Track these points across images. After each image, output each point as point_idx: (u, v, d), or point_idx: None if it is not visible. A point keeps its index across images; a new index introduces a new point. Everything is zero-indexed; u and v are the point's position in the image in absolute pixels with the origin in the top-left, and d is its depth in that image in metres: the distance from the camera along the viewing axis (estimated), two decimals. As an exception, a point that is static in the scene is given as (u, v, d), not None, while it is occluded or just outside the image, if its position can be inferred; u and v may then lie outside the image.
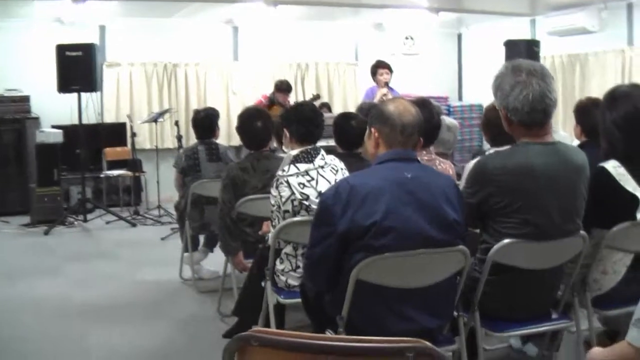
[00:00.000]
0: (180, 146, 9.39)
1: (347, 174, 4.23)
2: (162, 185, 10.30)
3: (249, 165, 5.21)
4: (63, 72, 9.53)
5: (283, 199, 4.06)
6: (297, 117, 4.37)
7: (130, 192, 10.91)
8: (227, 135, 11.91)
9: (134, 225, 9.77)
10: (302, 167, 4.10)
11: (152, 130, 11.39)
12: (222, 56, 12.06)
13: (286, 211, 4.07)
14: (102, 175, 10.72)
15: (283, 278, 4.19)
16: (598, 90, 10.26)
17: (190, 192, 6.38)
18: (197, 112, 6.93)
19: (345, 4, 10.59)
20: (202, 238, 6.94)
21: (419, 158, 4.24)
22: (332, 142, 5.19)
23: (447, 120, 6.18)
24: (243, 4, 10.21)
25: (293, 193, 4.03)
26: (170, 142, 11.56)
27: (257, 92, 11.83)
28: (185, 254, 6.77)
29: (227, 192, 5.12)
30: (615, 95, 3.70)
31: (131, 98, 11.52)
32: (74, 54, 9.52)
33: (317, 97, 10.96)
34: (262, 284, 4.33)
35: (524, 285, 3.40)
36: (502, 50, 11.99)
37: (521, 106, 3.19)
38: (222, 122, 11.50)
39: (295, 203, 4.04)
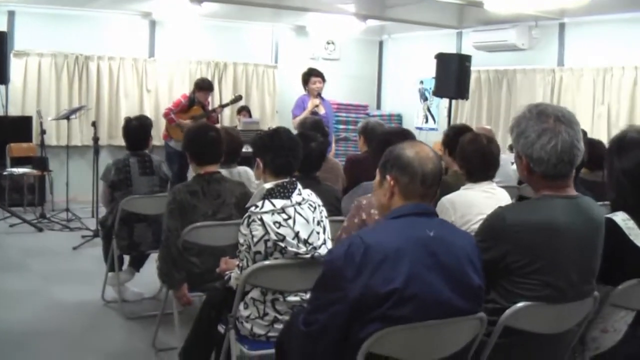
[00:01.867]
0: (96, 149, 8.79)
1: (324, 211, 3.90)
2: (70, 186, 9.70)
3: (198, 188, 4.75)
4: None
5: (255, 239, 3.61)
6: (274, 145, 3.86)
7: (35, 191, 10.20)
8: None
9: (40, 230, 9.11)
10: (278, 203, 3.66)
11: (59, 126, 10.75)
12: (137, 51, 11.46)
13: (257, 252, 3.64)
14: (5, 173, 9.95)
15: (248, 325, 3.77)
16: (524, 109, 10.23)
17: (119, 208, 5.91)
18: (128, 121, 6.37)
19: (271, 5, 10.17)
20: (126, 256, 6.44)
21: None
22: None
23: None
24: (166, -2, 9.66)
25: (267, 232, 3.59)
26: (79, 140, 10.96)
27: (173, 90, 11.46)
28: (110, 274, 6.29)
29: (173, 218, 4.65)
30: (625, 143, 3.45)
31: (39, 91, 10.79)
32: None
33: (238, 98, 10.56)
34: (220, 329, 3.95)
35: (535, 349, 3.10)
36: (425, 60, 11.96)
37: (547, 157, 2.86)
38: None
39: (269, 244, 3.61)
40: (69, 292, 6.54)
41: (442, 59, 9.87)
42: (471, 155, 4.50)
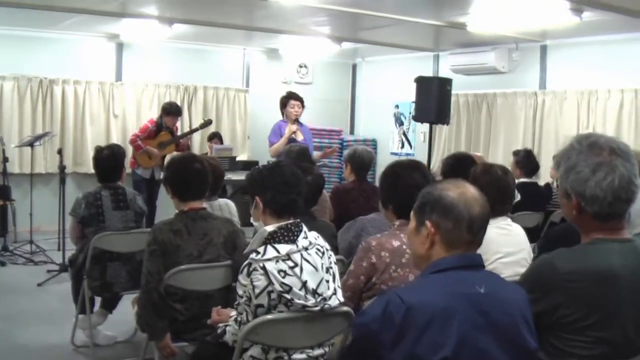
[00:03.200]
0: (63, 178, 8.30)
1: (333, 256, 3.48)
2: (33, 216, 9.21)
3: (182, 227, 4.28)
4: None
5: (257, 290, 3.19)
6: (274, 181, 3.46)
7: (-5, 222, 9.69)
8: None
9: (2, 264, 8.59)
10: (283, 249, 3.24)
11: (22, 153, 10.22)
12: (104, 75, 10.99)
13: (259, 305, 3.21)
14: (-36, 203, 9.40)
15: (245, 387, 3.34)
16: (506, 133, 10.00)
17: (90, 245, 5.45)
18: (99, 150, 5.87)
19: (243, 27, 9.78)
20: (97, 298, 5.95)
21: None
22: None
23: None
24: (134, 19, 9.20)
25: (271, 283, 3.17)
26: (42, 167, 10.42)
27: (141, 115, 11.02)
28: (81, 317, 5.82)
29: (154, 261, 4.17)
30: None
31: (0, 115, 10.28)
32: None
33: (208, 122, 10.17)
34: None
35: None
36: (400, 84, 11.74)
37: (603, 195, 2.49)
38: None
39: (273, 296, 3.18)
40: (33, 335, 6.10)
41: (422, 83, 9.56)
42: (485, 187, 4.11)
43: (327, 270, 3.35)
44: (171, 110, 9.67)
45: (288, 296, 3.18)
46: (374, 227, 4.56)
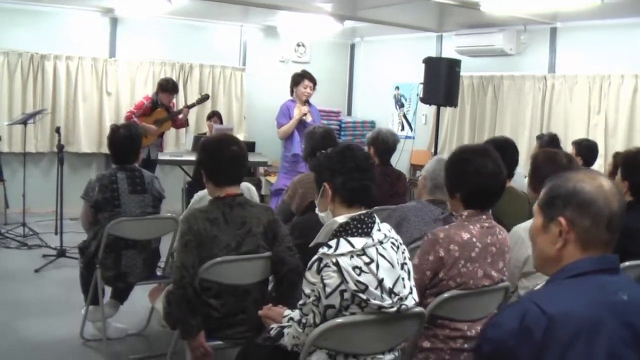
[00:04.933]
0: (61, 158, 7.89)
1: (407, 251, 3.17)
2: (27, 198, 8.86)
3: (219, 215, 3.94)
4: None
5: (328, 289, 2.87)
6: (345, 166, 3.13)
7: (-16, 204, 9.29)
8: (97, 143, 10.49)
9: (-6, 248, 8.18)
10: (358, 242, 2.93)
11: (11, 131, 9.81)
12: (97, 51, 10.54)
13: (330, 306, 2.90)
14: (-48, 184, 8.98)
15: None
16: (513, 117, 9.74)
17: (105, 232, 5.12)
18: (115, 129, 5.45)
19: (242, 2, 9.39)
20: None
21: (477, 225, 3.44)
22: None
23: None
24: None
25: (345, 281, 2.86)
26: (33, 146, 9.99)
27: (135, 93, 10.65)
28: (91, 308, 5.48)
29: (189, 252, 3.83)
30: None
31: (-11, 92, 9.80)
32: None
33: (205, 97, 9.83)
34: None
35: None
36: (401, 65, 11.43)
37: None
38: (93, 127, 10.31)
39: (346, 295, 2.88)
40: (37, 328, 5.74)
41: (431, 64, 9.25)
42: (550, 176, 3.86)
43: (402, 267, 3.06)
44: (167, 87, 9.30)
45: (363, 296, 2.86)
46: (417, 216, 4.34)
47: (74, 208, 8.41)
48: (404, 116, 11.70)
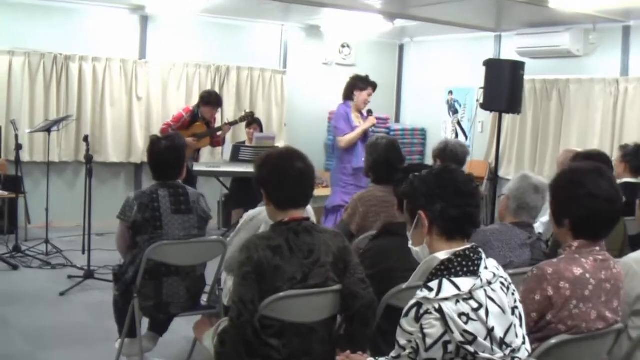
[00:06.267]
0: (90, 170, 7.11)
1: (517, 292, 2.65)
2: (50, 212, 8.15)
3: (283, 242, 3.29)
4: None
5: (429, 340, 2.41)
6: (445, 190, 2.66)
7: (4, 217, 8.50)
8: (126, 152, 9.73)
9: (14, 267, 7.40)
10: (464, 284, 2.46)
11: (32, 139, 9.10)
12: (126, 51, 9.81)
13: None
14: (-32, 196, 8.21)
15: None
16: (581, 124, 8.93)
17: (144, 257, 4.40)
18: (156, 141, 4.76)
19: (287, 0, 8.63)
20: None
21: (590, 258, 3.06)
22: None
23: (533, 178, 4.43)
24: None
25: (449, 331, 2.40)
26: (56, 155, 9.26)
27: (167, 98, 10.01)
28: (127, 341, 4.74)
29: (248, 286, 3.22)
30: None
31: (9, 96, 9.08)
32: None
33: (249, 115, 9.06)
34: None
35: None
36: (454, 68, 10.71)
37: None
38: (122, 135, 9.59)
39: (450, 348, 2.41)
40: (64, 360, 5.04)
41: (492, 66, 8.43)
42: None
43: (513, 311, 2.60)
44: (210, 100, 8.60)
45: (471, 348, 2.41)
46: (500, 241, 4.02)
47: (100, 222, 7.79)
48: (458, 123, 10.86)
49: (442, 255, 2.59)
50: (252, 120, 9.24)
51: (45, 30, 9.26)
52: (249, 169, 8.06)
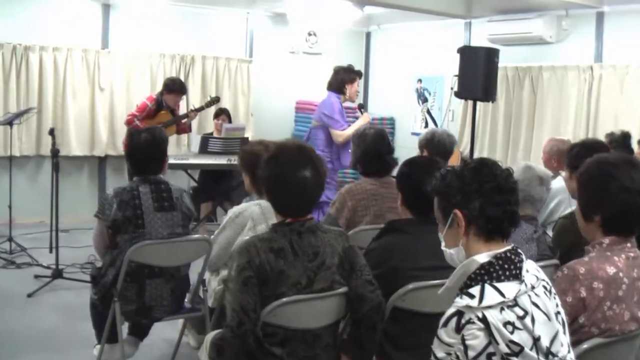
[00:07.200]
0: (56, 164, 6.82)
1: (557, 296, 2.47)
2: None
3: (286, 244, 3.09)
4: None
5: (471, 353, 2.22)
6: (483, 186, 2.44)
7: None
8: (90, 145, 9.42)
9: (-23, 267, 7.10)
10: (508, 290, 2.28)
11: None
12: (88, 41, 9.48)
13: None
14: None
15: None
16: (554, 113, 8.84)
17: (125, 258, 4.17)
18: (135, 133, 4.53)
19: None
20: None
21: (622, 255, 2.90)
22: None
23: (537, 168, 4.27)
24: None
25: (493, 342, 2.21)
26: (17, 149, 8.91)
27: (130, 89, 9.70)
28: (106, 347, 4.49)
29: (249, 293, 3.02)
30: None
31: (-35, 88, 8.73)
32: None
33: (215, 100, 8.89)
34: None
35: None
36: (423, 56, 10.54)
37: None
38: (85, 127, 9.32)
39: (495, 359, 2.21)
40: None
41: (466, 54, 8.31)
42: None
43: (556, 317, 2.41)
44: (174, 88, 8.39)
45: None
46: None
47: (65, 218, 7.44)
48: (428, 112, 10.70)
49: (482, 258, 2.40)
50: (220, 111, 9.01)
51: (3, 19, 8.91)
52: (220, 160, 7.87)
